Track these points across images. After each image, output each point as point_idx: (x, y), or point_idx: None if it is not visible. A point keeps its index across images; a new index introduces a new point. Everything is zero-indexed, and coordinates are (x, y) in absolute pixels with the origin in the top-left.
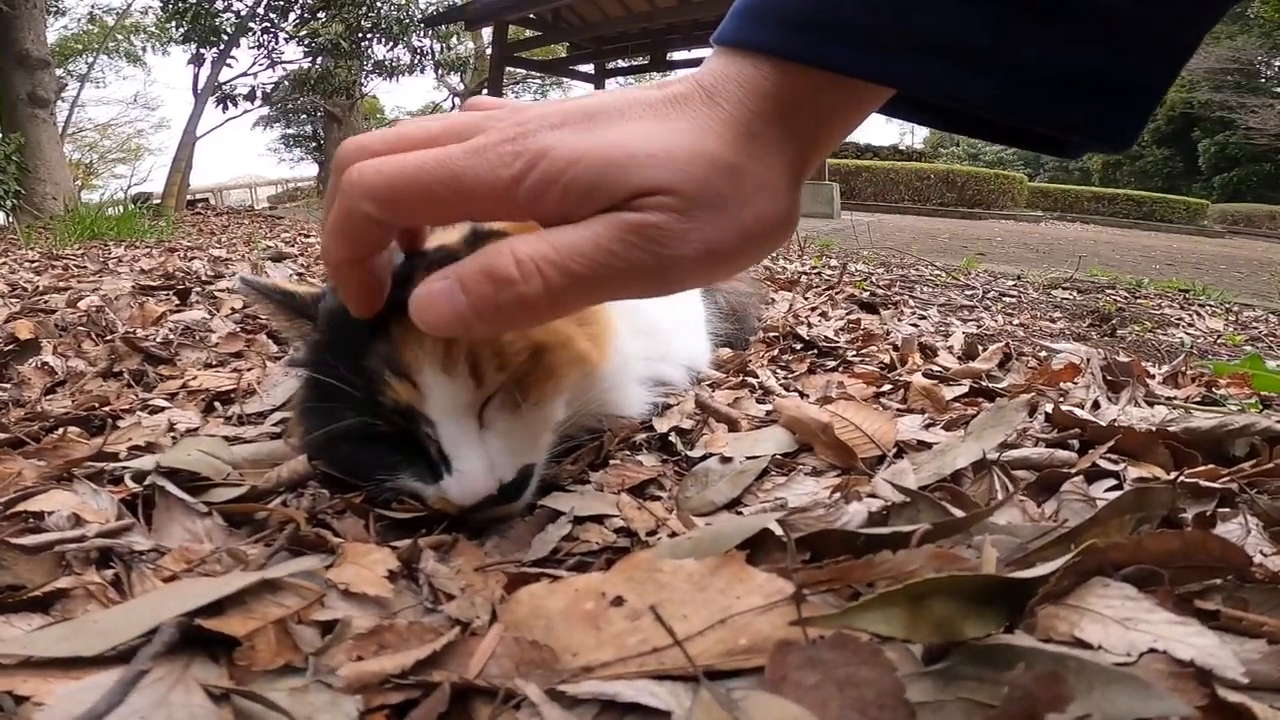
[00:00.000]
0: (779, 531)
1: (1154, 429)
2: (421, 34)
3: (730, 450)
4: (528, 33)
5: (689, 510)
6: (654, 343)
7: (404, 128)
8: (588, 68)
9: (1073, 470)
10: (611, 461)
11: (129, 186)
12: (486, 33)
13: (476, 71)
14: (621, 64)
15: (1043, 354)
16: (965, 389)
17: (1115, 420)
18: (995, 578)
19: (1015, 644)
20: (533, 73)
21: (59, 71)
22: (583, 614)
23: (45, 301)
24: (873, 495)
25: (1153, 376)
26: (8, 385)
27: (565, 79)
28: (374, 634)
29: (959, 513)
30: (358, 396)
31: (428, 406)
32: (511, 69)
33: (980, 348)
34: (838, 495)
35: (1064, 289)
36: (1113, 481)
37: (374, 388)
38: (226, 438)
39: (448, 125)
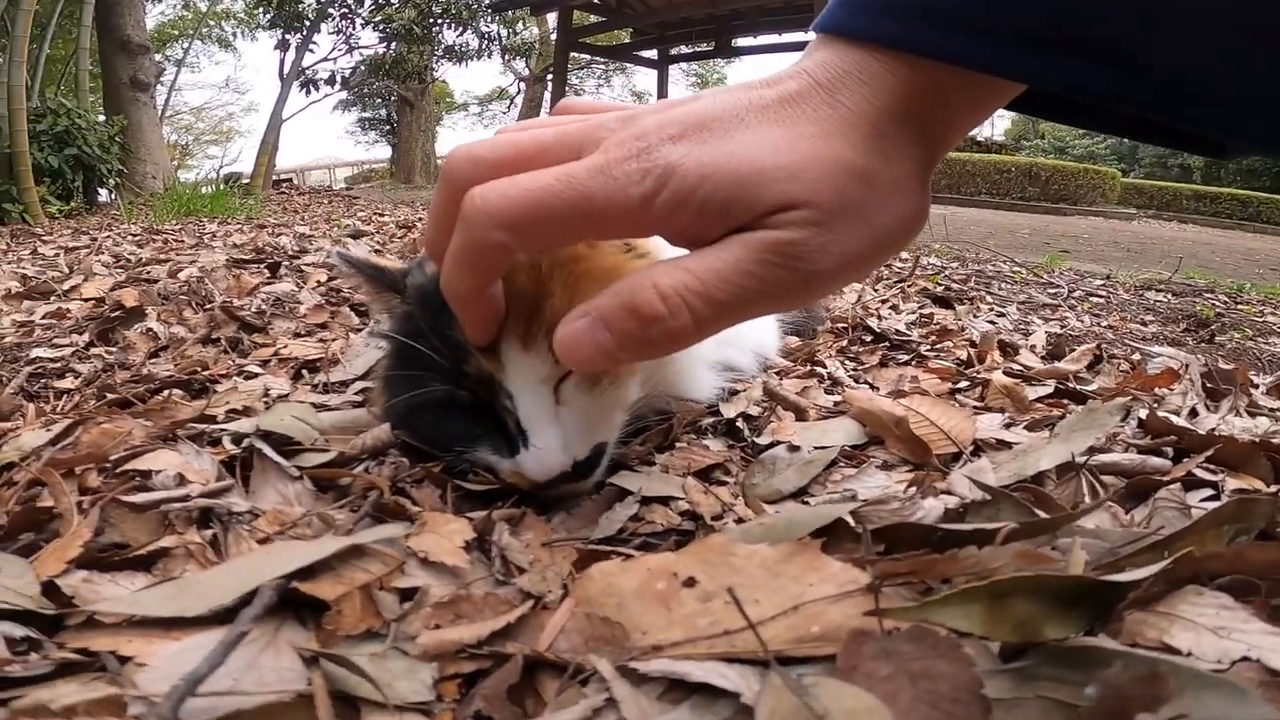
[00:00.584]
0: (853, 522)
1: (1257, 440)
2: (489, 19)
3: (798, 439)
4: (592, 18)
5: (755, 497)
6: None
7: (514, 137)
8: (651, 54)
9: (1166, 478)
10: (678, 445)
11: (221, 167)
12: (552, 18)
13: (541, 57)
14: (685, 50)
15: (1136, 357)
16: (1050, 390)
17: (1214, 430)
18: (1085, 579)
19: (1101, 646)
20: (596, 58)
21: (157, 57)
22: (655, 593)
23: (147, 272)
24: (948, 492)
25: (1257, 386)
26: (114, 349)
27: (629, 64)
28: (451, 604)
29: (1043, 515)
30: (441, 365)
31: (508, 379)
32: (575, 54)
33: (1068, 348)
34: (913, 490)
35: (1157, 291)
36: (1210, 492)
37: (458, 358)
38: (314, 404)
39: (559, 135)
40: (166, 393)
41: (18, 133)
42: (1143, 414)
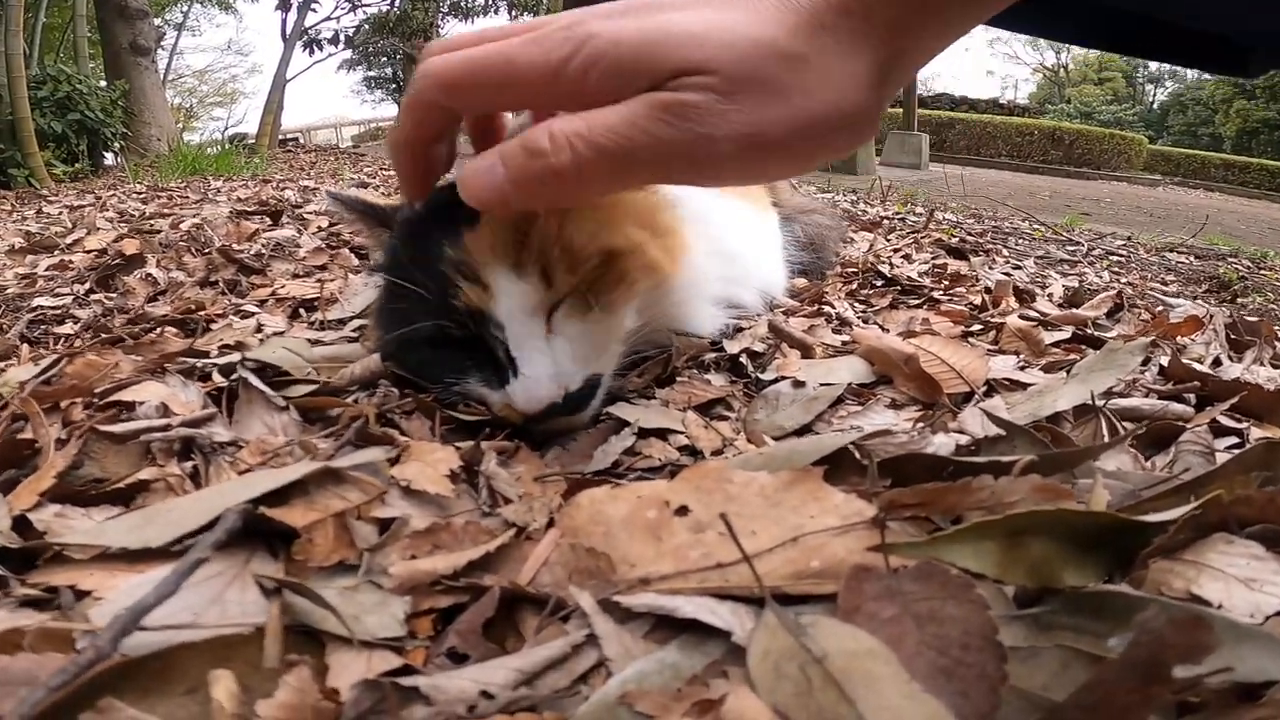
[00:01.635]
0: (858, 453)
1: None
2: None
3: (803, 375)
4: None
5: (757, 432)
6: (729, 265)
7: (487, 29)
8: None
9: (1188, 425)
10: (679, 379)
11: (226, 128)
12: None
13: (549, 10)
14: None
15: (1159, 309)
16: (1068, 335)
17: (1239, 378)
18: (1109, 517)
19: (1125, 593)
20: None
21: (156, 21)
22: (644, 522)
23: (150, 225)
24: (960, 430)
25: None
26: (114, 294)
27: None
28: (429, 533)
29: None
30: (430, 300)
31: (497, 308)
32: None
33: (1088, 297)
34: (923, 425)
35: (1179, 253)
36: (1234, 440)
37: (446, 290)
38: (309, 340)
39: (522, 25)
40: (160, 330)
41: (19, 99)
42: (1164, 360)
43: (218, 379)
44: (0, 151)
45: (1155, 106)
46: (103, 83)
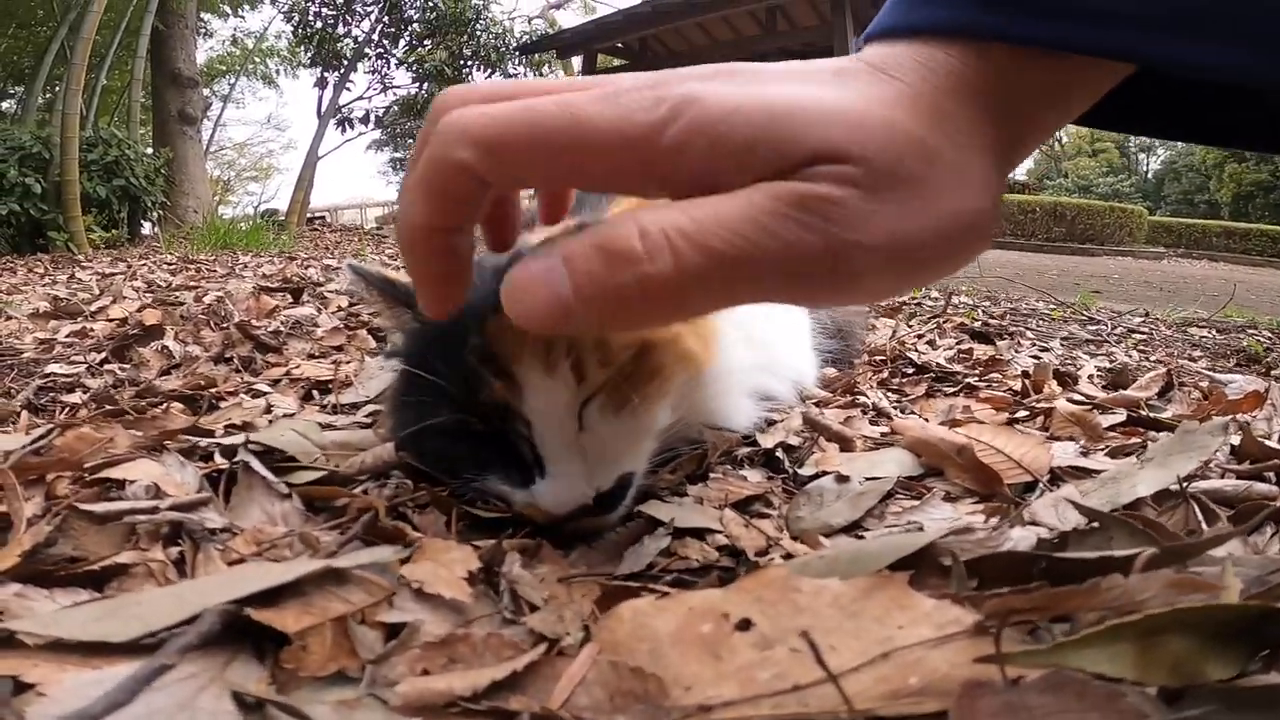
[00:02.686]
0: (941, 555)
1: None
2: (517, 62)
3: (845, 469)
4: (616, 62)
5: (803, 530)
6: (761, 353)
7: (518, 82)
8: None
9: (1277, 504)
10: (712, 475)
11: (259, 203)
12: (577, 62)
13: None
14: None
15: (1204, 385)
16: (1122, 417)
17: None
18: (1254, 607)
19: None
20: None
21: (205, 91)
22: (699, 638)
23: (175, 296)
24: (1034, 523)
25: None
26: (128, 366)
27: None
28: (444, 644)
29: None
30: (452, 392)
31: (525, 406)
32: None
33: (1130, 377)
34: (995, 518)
35: (1200, 327)
36: None
37: (470, 384)
38: (319, 424)
39: (570, 83)
40: (165, 405)
41: (69, 161)
42: (1235, 439)
43: (219, 460)
44: (42, 213)
45: (1150, 176)
46: (149, 149)
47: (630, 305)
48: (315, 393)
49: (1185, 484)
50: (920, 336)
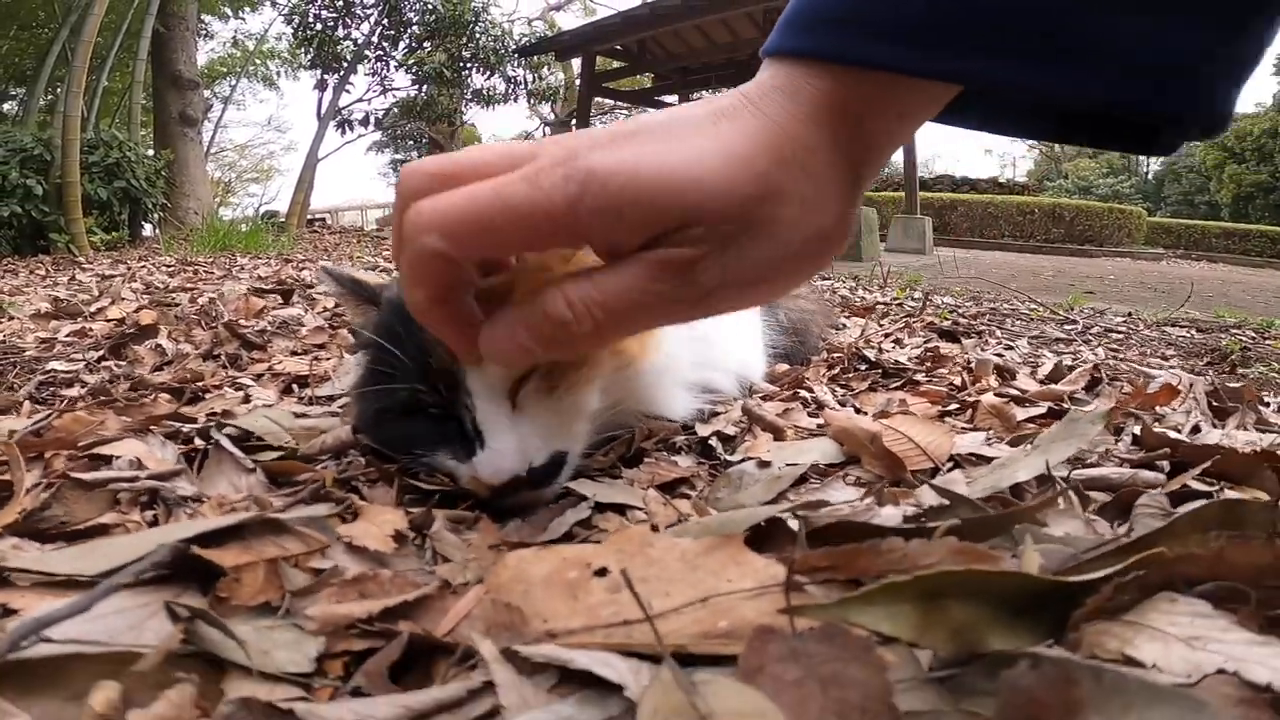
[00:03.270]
0: (790, 522)
1: (1259, 450)
2: (516, 64)
3: (771, 457)
4: (615, 64)
5: (715, 510)
6: (705, 349)
7: (460, 154)
8: (672, 99)
9: (1155, 491)
10: (646, 459)
11: (260, 205)
12: (576, 63)
13: (566, 101)
14: (706, 94)
15: (1141, 381)
16: (1042, 410)
17: (1217, 443)
18: (1030, 579)
19: (1048, 656)
20: (619, 103)
21: (205, 93)
22: (564, 582)
23: (171, 298)
24: (915, 504)
25: (1267, 404)
26: (124, 362)
27: (650, 109)
28: (356, 581)
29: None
30: (409, 364)
31: (471, 383)
32: (599, 99)
33: (1067, 372)
34: (870, 499)
35: (1182, 327)
36: (1204, 503)
37: (423, 353)
38: (294, 413)
39: (503, 152)
40: (153, 395)
41: (70, 162)
42: (1138, 430)
43: (198, 442)
44: (44, 214)
45: (1150, 177)
46: (150, 151)
47: (569, 346)
48: (295, 386)
49: (1069, 469)
50: (888, 335)
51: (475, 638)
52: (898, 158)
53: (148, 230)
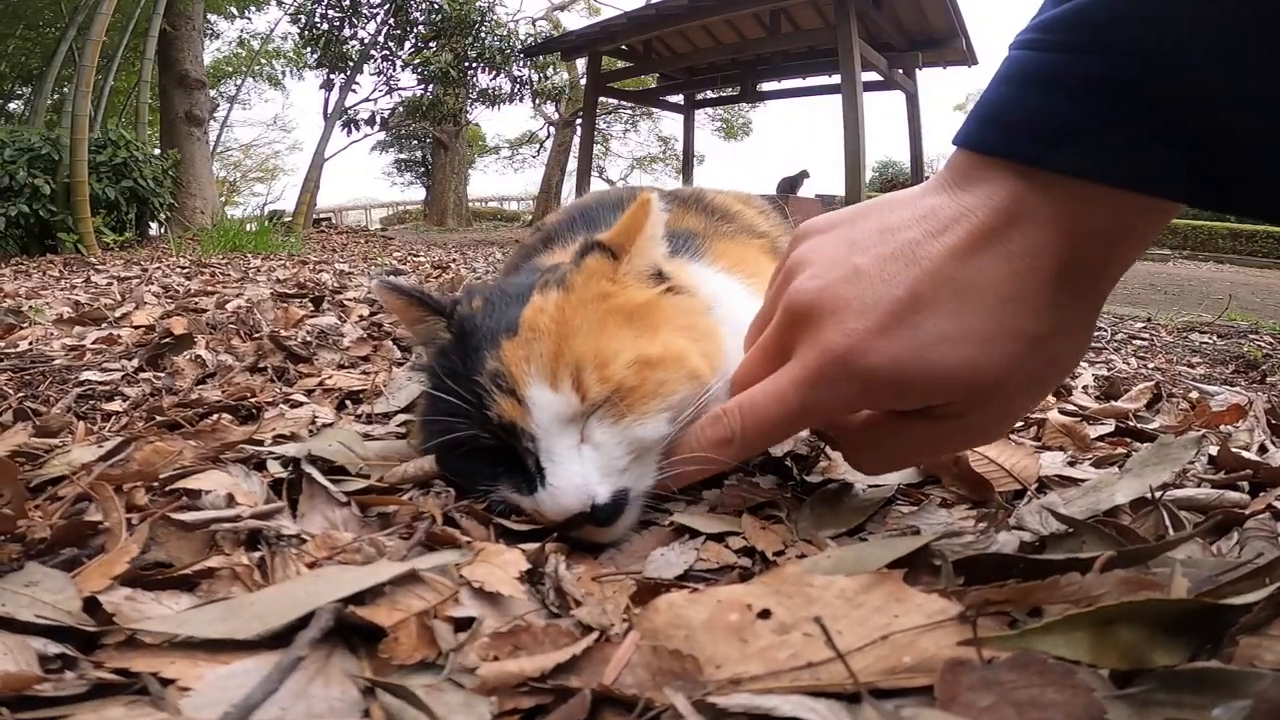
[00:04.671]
0: (932, 556)
1: None
2: (521, 64)
3: (850, 478)
4: (620, 64)
5: (814, 534)
6: None
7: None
8: (677, 98)
9: (1246, 511)
10: (725, 481)
11: (265, 204)
12: (581, 63)
13: (571, 101)
14: (711, 94)
15: (1194, 395)
16: (1111, 428)
17: None
18: (1197, 603)
19: (1222, 668)
20: (624, 103)
21: (211, 92)
22: (726, 625)
23: (196, 303)
24: (1019, 528)
25: None
26: (162, 374)
27: (656, 109)
28: (510, 635)
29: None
30: (468, 410)
31: (530, 421)
32: (604, 99)
33: (1123, 388)
34: (984, 524)
35: (1201, 333)
36: None
37: (482, 403)
38: (360, 434)
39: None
40: (215, 416)
41: (78, 162)
42: (1213, 450)
43: (274, 468)
44: (52, 214)
45: None
46: (156, 150)
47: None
48: (348, 402)
49: (1160, 493)
50: None
51: (668, 692)
52: (903, 156)
53: (154, 230)
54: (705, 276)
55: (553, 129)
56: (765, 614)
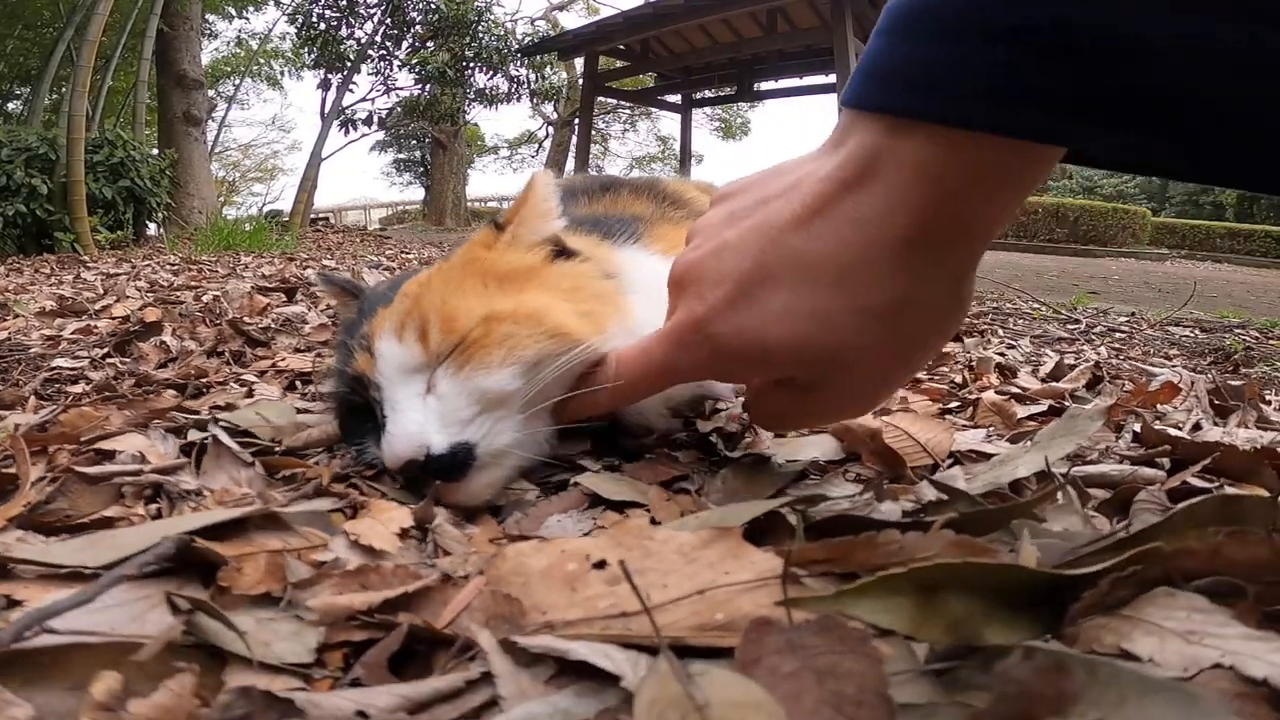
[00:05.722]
0: (792, 519)
1: (1259, 447)
2: (518, 64)
3: (770, 452)
4: (618, 63)
5: (715, 505)
6: None
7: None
8: (675, 98)
9: (1157, 487)
10: (646, 455)
11: (264, 204)
12: (579, 63)
13: (569, 100)
14: (708, 94)
15: (1142, 379)
16: (1044, 408)
17: (1218, 440)
18: (1026, 572)
19: (1048, 649)
20: (622, 102)
21: (209, 92)
22: (563, 574)
23: (176, 296)
24: (915, 500)
25: (1269, 402)
26: (129, 359)
27: (653, 108)
28: (357, 573)
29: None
30: (341, 369)
31: (376, 371)
32: (602, 99)
33: (1068, 371)
34: (869, 494)
35: (1185, 327)
36: (1202, 498)
37: (345, 359)
38: (297, 409)
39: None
40: (158, 391)
41: (75, 162)
42: (1138, 427)
43: (193, 435)
44: (49, 214)
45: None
46: (154, 150)
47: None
48: (298, 383)
49: (1068, 467)
50: None
51: (475, 629)
52: None
53: (152, 229)
54: (627, 253)
55: (551, 128)
56: (601, 564)
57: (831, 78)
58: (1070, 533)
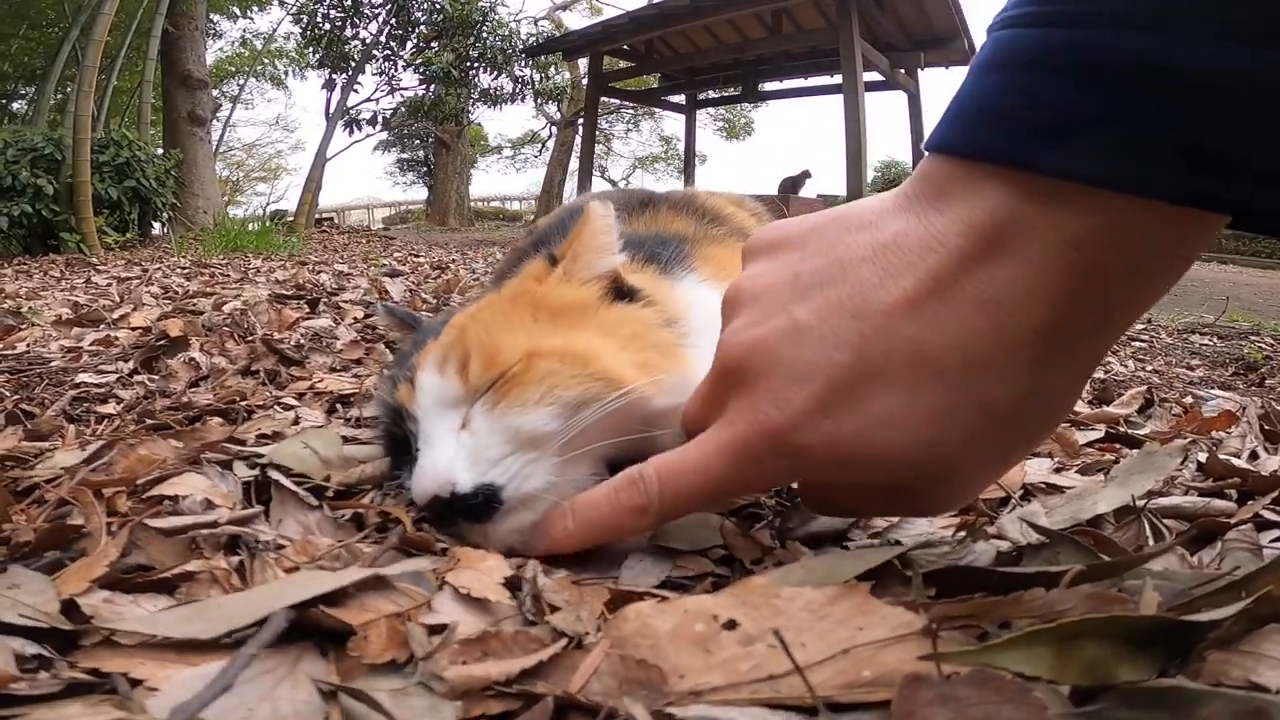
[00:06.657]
0: (900, 566)
1: None
2: (522, 64)
3: None
4: (622, 63)
5: (793, 541)
6: None
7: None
8: (679, 98)
9: (1232, 521)
10: None
11: (268, 204)
12: (583, 63)
13: (573, 101)
14: (712, 94)
15: (1188, 400)
16: (1100, 434)
17: (1277, 471)
18: (1161, 619)
19: (1184, 686)
20: (626, 103)
21: (214, 92)
22: (692, 636)
23: (194, 304)
24: (999, 537)
25: None
26: (157, 377)
27: (657, 109)
28: (480, 640)
29: (1106, 558)
30: (384, 400)
31: (415, 404)
32: (605, 99)
33: (1116, 392)
34: (962, 534)
35: (1201, 334)
36: (1278, 533)
37: (390, 389)
38: (344, 437)
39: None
40: (203, 420)
41: (81, 162)
42: (1202, 457)
43: (241, 468)
44: (54, 214)
45: None
46: (159, 150)
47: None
48: (338, 406)
49: (1145, 501)
50: None
51: (626, 701)
52: (905, 156)
53: (157, 229)
54: (685, 289)
55: (555, 129)
56: (731, 625)
57: (836, 78)
58: (1171, 572)
